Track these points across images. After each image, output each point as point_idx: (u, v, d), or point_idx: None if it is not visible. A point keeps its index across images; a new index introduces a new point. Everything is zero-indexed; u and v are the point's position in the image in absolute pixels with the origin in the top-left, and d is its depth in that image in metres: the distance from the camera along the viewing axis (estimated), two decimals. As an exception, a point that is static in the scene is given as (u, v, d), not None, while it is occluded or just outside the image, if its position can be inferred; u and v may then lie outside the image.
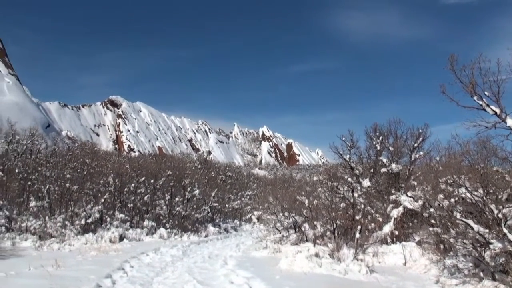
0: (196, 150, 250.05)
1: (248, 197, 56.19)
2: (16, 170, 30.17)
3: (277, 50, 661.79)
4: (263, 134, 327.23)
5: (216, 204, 38.97)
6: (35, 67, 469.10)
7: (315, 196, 23.75)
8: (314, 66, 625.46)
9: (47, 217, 24.52)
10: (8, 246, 19.85)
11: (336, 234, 19.07)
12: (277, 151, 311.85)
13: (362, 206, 19.66)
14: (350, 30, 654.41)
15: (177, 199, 32.87)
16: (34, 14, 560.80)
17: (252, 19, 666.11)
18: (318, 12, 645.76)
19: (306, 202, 22.68)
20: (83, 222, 25.09)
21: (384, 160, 21.08)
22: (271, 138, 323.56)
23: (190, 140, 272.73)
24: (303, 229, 22.80)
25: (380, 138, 21.88)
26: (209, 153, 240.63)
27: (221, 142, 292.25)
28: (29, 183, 28.66)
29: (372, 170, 21.70)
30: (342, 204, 20.70)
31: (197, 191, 34.38)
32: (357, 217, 19.12)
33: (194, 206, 34.74)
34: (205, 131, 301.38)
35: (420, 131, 20.79)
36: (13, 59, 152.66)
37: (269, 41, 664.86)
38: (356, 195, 20.38)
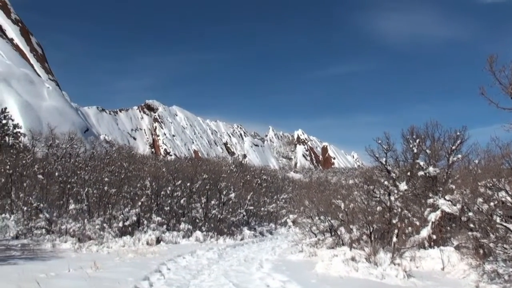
0: (232, 153, 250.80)
1: (283, 200, 56.13)
2: (56, 174, 30.79)
3: (312, 52, 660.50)
4: (298, 137, 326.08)
5: (251, 208, 39.02)
6: (73, 72, 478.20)
7: (351, 200, 23.57)
8: (349, 68, 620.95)
9: (86, 220, 24.96)
10: (49, 248, 20.25)
11: (372, 238, 18.90)
12: (312, 154, 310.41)
13: (399, 209, 19.42)
14: (386, 31, 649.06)
15: (213, 202, 33.04)
16: (73, 19, 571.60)
17: (287, 21, 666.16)
18: (353, 13, 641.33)
19: (342, 205, 22.53)
20: (120, 224, 25.44)
21: (421, 163, 20.79)
22: (306, 141, 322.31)
23: (225, 144, 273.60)
24: (339, 232, 22.66)
25: (417, 140, 21.59)
26: (244, 156, 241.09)
27: (256, 145, 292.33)
28: (68, 186, 29.21)
29: (409, 173, 21.41)
30: (379, 208, 20.50)
31: (232, 195, 34.51)
32: (394, 221, 18.91)
33: (230, 210, 34.86)
34: (240, 134, 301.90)
35: (458, 133, 20.42)
36: (53, 64, 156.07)
37: (304, 43, 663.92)
38: (392, 198, 20.17)
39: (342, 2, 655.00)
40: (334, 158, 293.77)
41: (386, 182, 20.82)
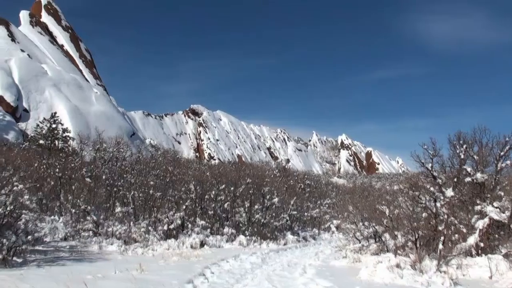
0: (275, 158, 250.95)
1: (326, 205, 55.79)
2: (103, 177, 31.46)
3: (356, 56, 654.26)
4: (342, 142, 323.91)
5: (295, 212, 38.93)
6: (121, 77, 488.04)
7: (395, 206, 23.26)
8: (394, 72, 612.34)
9: (131, 223, 25.38)
10: (96, 250, 20.69)
11: (418, 245, 18.60)
12: (356, 160, 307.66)
13: (445, 216, 19.06)
14: (431, 35, 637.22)
15: (256, 206, 33.11)
16: (121, 25, 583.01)
17: (330, 25, 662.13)
18: (397, 17, 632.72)
19: (387, 211, 22.26)
20: (165, 228, 25.77)
21: (468, 169, 20.35)
22: (350, 146, 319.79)
23: (269, 148, 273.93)
24: (383, 239, 22.40)
25: (464, 146, 21.15)
26: (288, 161, 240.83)
27: (299, 150, 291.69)
28: (115, 189, 29.78)
29: (455, 180, 20.99)
30: (424, 214, 20.16)
31: (276, 199, 34.49)
32: (440, 228, 18.56)
33: (273, 214, 34.86)
34: (284, 139, 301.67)
35: (507, 139, 19.92)
36: (101, 69, 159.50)
37: (348, 47, 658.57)
38: (438, 205, 19.80)
39: (386, 6, 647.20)
40: (378, 164, 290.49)
41: (432, 188, 20.46)
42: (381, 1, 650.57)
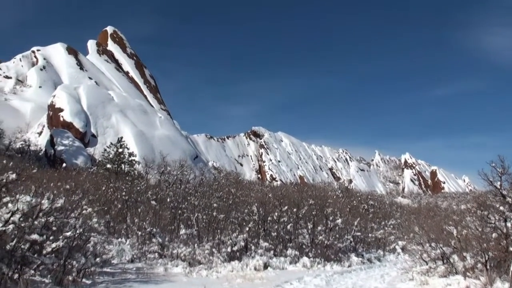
0: (337, 178, 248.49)
1: (391, 226, 54.68)
2: (168, 199, 32.06)
3: (419, 72, 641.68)
4: (406, 161, 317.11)
5: (358, 234, 38.37)
6: (183, 101, 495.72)
7: (463, 226, 22.60)
8: (458, 88, 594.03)
9: (195, 245, 25.71)
10: (161, 272, 21.06)
11: (488, 267, 17.99)
12: (420, 179, 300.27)
13: (517, 237, 18.38)
14: (497, 48, 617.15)
15: (319, 228, 32.88)
16: (183, 48, 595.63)
17: (392, 42, 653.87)
18: (460, 32, 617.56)
19: (454, 232, 21.66)
20: (229, 249, 25.92)
21: (540, 188, 19.60)
22: (413, 165, 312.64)
23: (331, 169, 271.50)
24: (451, 260, 21.77)
25: (535, 163, 20.40)
26: (350, 181, 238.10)
27: (362, 170, 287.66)
28: (179, 211, 30.27)
29: (527, 198, 20.23)
30: (494, 235, 19.49)
31: (339, 220, 34.15)
32: (511, 249, 17.92)
33: (337, 235, 34.49)
34: (346, 159, 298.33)
35: None
36: (164, 94, 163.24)
37: (410, 63, 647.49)
38: (509, 225, 19.11)
39: (445, 22, 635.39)
40: (444, 183, 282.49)
41: (501, 208, 19.79)
42: (442, 15, 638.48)
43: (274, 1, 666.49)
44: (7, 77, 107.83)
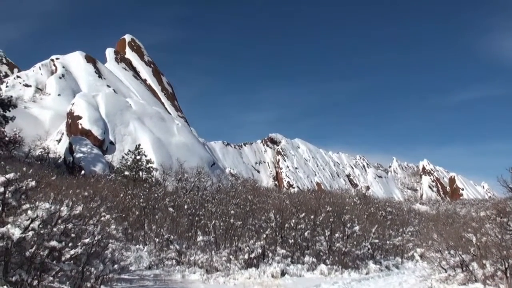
0: (354, 185, 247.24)
1: (409, 233, 54.23)
2: (185, 206, 32.21)
3: (437, 78, 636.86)
4: (424, 168, 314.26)
5: (376, 241, 38.12)
6: (200, 108, 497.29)
7: (483, 233, 22.39)
8: (477, 94, 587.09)
9: (213, 251, 25.77)
10: (179, 279, 21.13)
11: (508, 274, 17.80)
12: (438, 185, 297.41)
13: (537, 244, 18.18)
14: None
15: (336, 235, 32.74)
16: (200, 56, 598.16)
17: (410, 48, 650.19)
18: (480, 36, 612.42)
19: (474, 239, 21.47)
20: (246, 256, 25.91)
21: (561, 194, 19.38)
22: (432, 171, 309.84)
23: (348, 176, 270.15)
24: (471, 268, 21.56)
25: (555, 170, 20.18)
26: (368, 188, 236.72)
27: (379, 177, 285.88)
28: (196, 218, 30.38)
29: (547, 205, 20.03)
30: (514, 242, 19.31)
31: (357, 227, 33.99)
32: (532, 256, 17.71)
33: (354, 243, 34.32)
34: (363, 166, 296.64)
35: None
36: (181, 101, 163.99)
37: (428, 69, 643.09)
38: (529, 232, 18.92)
39: (464, 26, 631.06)
40: (463, 189, 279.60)
41: (521, 215, 19.60)
42: (461, 20, 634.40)
43: (291, 11, 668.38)
44: (26, 85, 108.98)
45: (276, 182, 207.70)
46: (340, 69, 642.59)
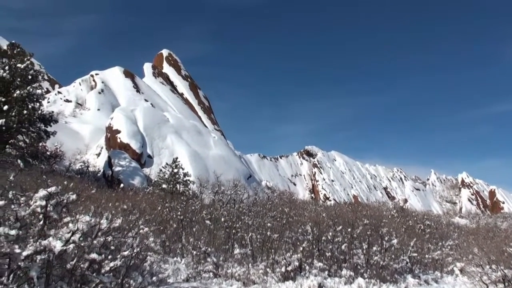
0: (392, 198, 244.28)
1: (449, 247, 53.26)
2: (222, 219, 32.36)
3: (475, 89, 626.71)
4: (463, 181, 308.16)
5: (415, 254, 37.54)
6: (237, 121, 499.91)
7: (525, 247, 21.90)
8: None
9: (250, 264, 25.79)
10: (215, 291, 21.23)
11: (552, 290, 17.36)
12: (478, 199, 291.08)
13: None
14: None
15: (374, 248, 32.40)
16: (236, 70, 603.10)
17: (447, 58, 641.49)
18: (508, 46, 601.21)
19: (516, 253, 21.02)
20: (283, 269, 25.85)
21: None
22: (471, 184, 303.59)
23: (385, 188, 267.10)
24: (513, 283, 21.10)
25: None
26: (405, 201, 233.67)
27: (417, 189, 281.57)
28: (233, 231, 30.48)
29: None
30: (558, 257, 18.83)
31: (395, 241, 33.58)
32: None
33: (392, 256, 33.89)
34: (400, 178, 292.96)
35: None
36: (218, 115, 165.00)
37: (465, 79, 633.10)
38: None
39: (501, 36, 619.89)
40: (503, 203, 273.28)
41: None
42: (497, 29, 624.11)
43: (327, 25, 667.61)
44: (67, 100, 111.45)
45: (312, 195, 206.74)
46: (376, 80, 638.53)
